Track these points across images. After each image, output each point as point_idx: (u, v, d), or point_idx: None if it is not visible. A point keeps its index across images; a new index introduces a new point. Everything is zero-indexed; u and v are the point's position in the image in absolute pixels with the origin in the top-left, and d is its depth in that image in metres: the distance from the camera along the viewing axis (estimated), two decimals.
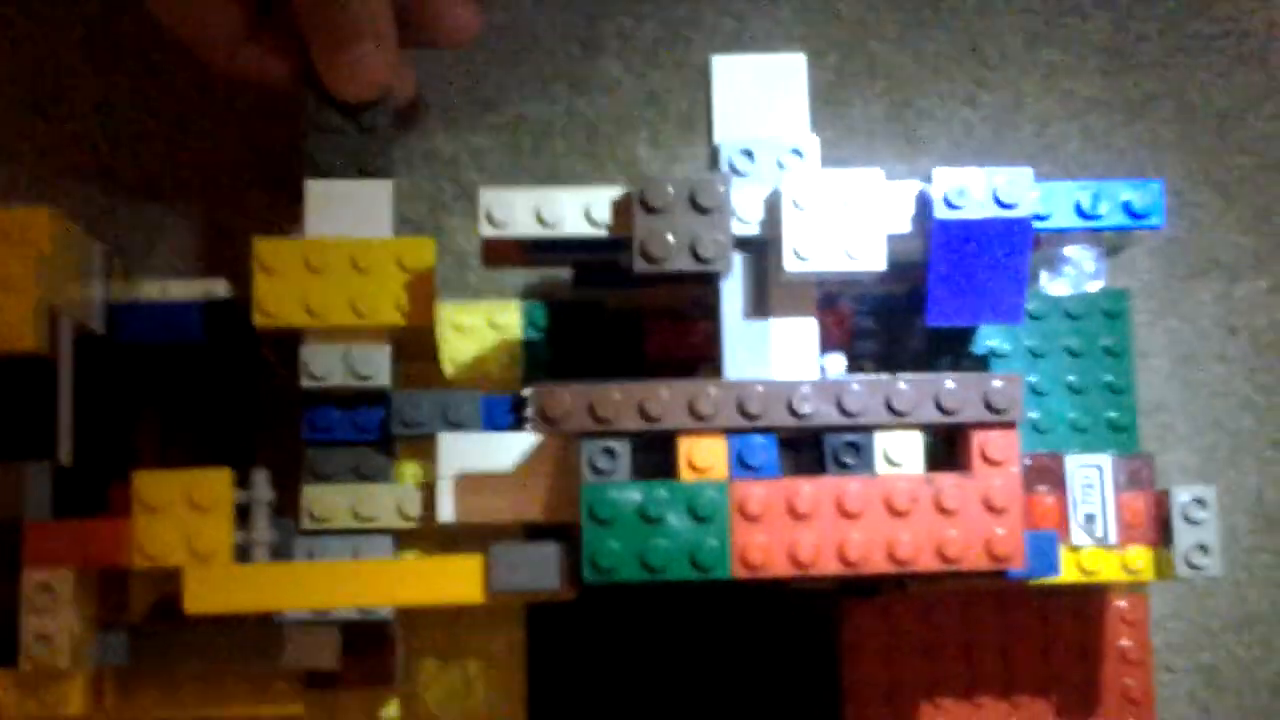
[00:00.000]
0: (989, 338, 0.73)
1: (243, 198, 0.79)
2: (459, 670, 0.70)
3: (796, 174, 0.59)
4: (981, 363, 0.73)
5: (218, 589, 0.59)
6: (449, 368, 0.72)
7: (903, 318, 0.71)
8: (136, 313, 0.65)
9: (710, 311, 0.66)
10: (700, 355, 0.70)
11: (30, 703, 0.59)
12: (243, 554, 0.60)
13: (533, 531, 0.67)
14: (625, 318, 0.72)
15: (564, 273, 0.76)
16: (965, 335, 0.73)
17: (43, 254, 0.58)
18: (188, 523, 0.59)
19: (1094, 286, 0.63)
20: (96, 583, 0.61)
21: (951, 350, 0.73)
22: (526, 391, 0.66)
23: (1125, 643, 0.70)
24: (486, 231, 0.59)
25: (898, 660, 0.71)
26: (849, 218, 0.59)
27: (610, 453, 0.59)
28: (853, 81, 0.82)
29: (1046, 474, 0.66)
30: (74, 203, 0.77)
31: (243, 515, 0.61)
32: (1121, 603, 0.70)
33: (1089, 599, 0.70)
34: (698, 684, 0.70)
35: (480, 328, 0.73)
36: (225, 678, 0.64)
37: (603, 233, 0.60)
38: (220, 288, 0.69)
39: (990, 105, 0.82)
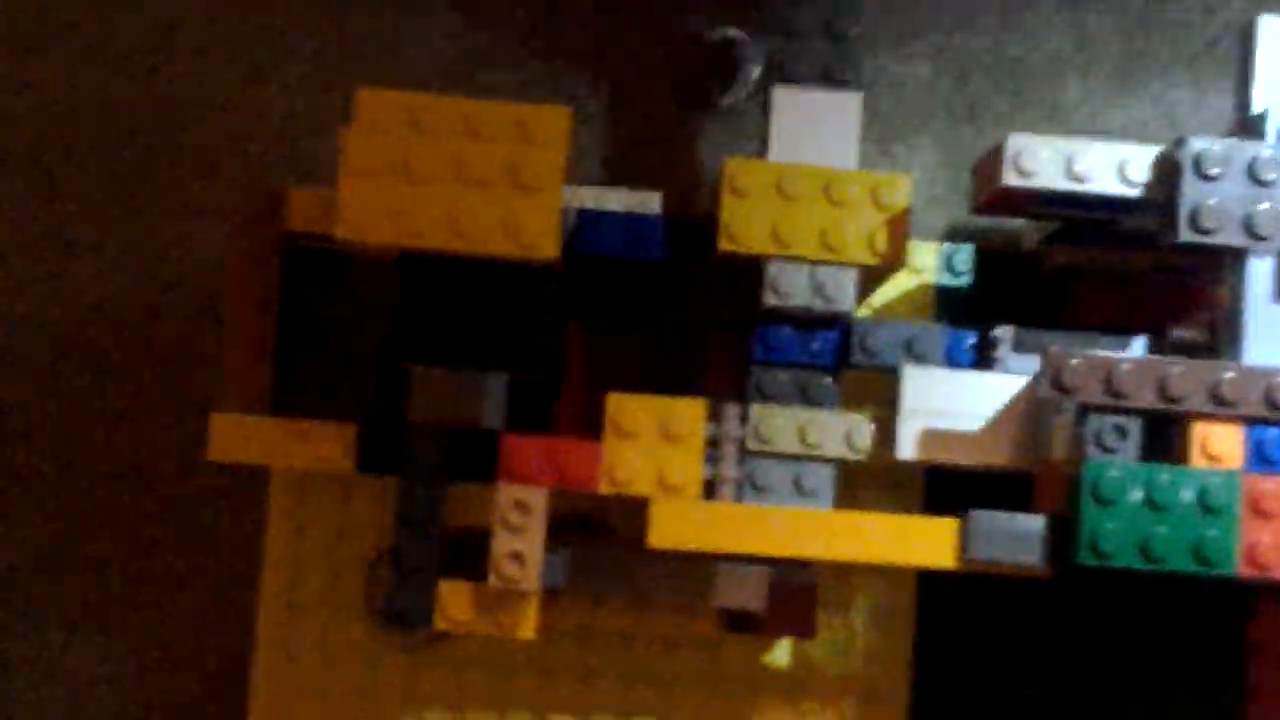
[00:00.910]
0: None
1: (642, 109, 0.76)
2: (845, 623, 0.68)
3: None
4: None
5: (684, 524, 0.56)
6: (862, 305, 0.69)
7: None
8: (599, 223, 0.62)
9: (1169, 280, 0.63)
10: (1133, 325, 0.66)
11: (485, 620, 0.56)
12: (709, 489, 0.58)
13: (933, 475, 0.64)
14: (1057, 276, 0.68)
15: (977, 218, 0.73)
16: None
17: (564, 157, 0.54)
18: (659, 452, 0.57)
19: None
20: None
21: None
22: (997, 331, 0.62)
23: None
24: (1011, 180, 0.56)
25: None
26: None
27: (1121, 430, 0.55)
28: None
29: None
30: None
31: (708, 448, 0.58)
32: None
33: None
34: (1091, 666, 0.67)
35: None
36: (648, 607, 0.61)
37: (1137, 193, 0.55)
38: (654, 201, 0.66)
39: None
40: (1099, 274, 0.67)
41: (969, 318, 0.69)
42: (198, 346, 0.70)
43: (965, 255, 0.68)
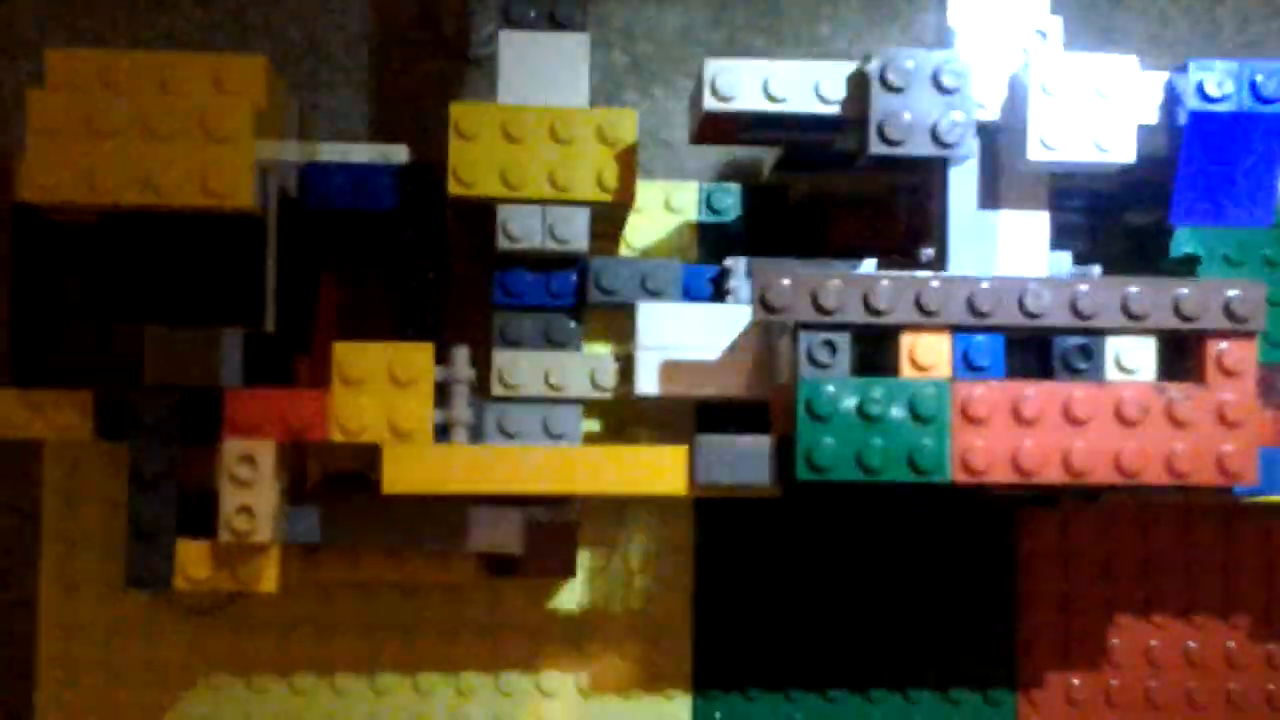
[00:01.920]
0: (1185, 244, 0.70)
1: (405, 59, 0.76)
2: (624, 560, 0.69)
3: (1044, 57, 0.56)
4: (1181, 266, 0.70)
5: (417, 469, 0.57)
6: (623, 247, 0.70)
7: (1106, 216, 0.68)
8: (327, 175, 0.62)
9: (911, 201, 0.64)
10: (886, 247, 0.67)
11: (224, 576, 0.57)
12: (441, 433, 0.58)
13: (705, 410, 0.65)
14: (809, 204, 0.69)
15: (741, 155, 0.74)
16: (1162, 239, 0.70)
17: (258, 107, 0.55)
18: (388, 398, 0.57)
19: None
20: (289, 455, 0.59)
21: (1148, 253, 0.70)
22: (728, 262, 0.63)
23: None
24: (710, 105, 0.56)
25: (1074, 573, 0.69)
26: (1099, 106, 0.55)
27: (831, 346, 0.56)
28: None
29: (1269, 388, 0.63)
30: None
31: (439, 392, 0.59)
32: None
33: (1270, 518, 0.68)
34: (868, 585, 0.69)
35: (655, 208, 0.70)
36: (406, 554, 0.62)
37: (833, 110, 0.56)
38: (400, 153, 0.66)
39: None
40: (847, 200, 0.69)
41: (732, 253, 0.70)
42: None
43: (723, 193, 0.69)
